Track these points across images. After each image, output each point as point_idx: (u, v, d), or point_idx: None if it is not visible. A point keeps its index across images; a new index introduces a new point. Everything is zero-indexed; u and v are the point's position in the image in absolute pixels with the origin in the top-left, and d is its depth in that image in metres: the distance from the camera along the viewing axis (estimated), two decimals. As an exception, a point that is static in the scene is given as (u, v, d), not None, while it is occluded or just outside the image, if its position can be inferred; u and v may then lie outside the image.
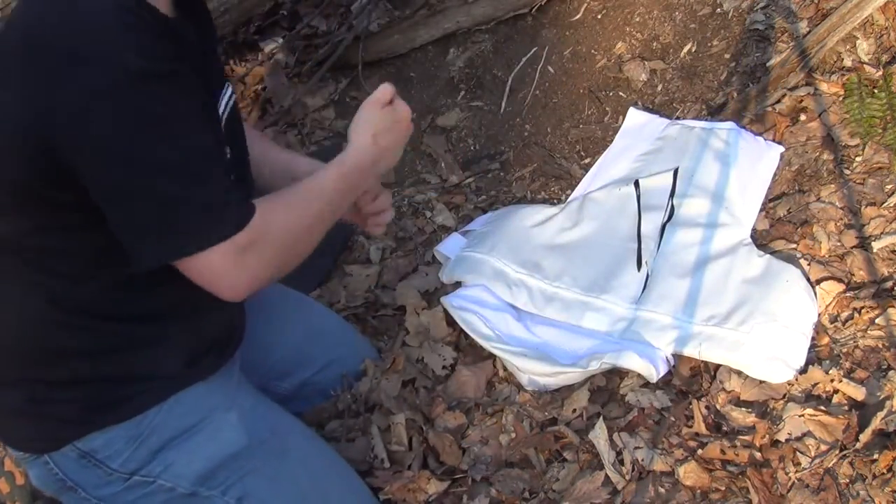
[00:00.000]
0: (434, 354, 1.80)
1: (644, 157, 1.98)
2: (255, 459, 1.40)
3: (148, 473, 1.36)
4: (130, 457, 1.35)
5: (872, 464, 1.39)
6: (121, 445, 1.34)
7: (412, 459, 1.62)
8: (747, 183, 1.84)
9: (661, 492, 1.47)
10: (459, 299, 1.83)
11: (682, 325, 1.65)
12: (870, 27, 1.98)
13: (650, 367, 1.59)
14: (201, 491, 1.37)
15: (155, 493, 1.37)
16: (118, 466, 1.34)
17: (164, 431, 1.36)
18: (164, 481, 1.36)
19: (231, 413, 1.41)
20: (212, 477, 1.38)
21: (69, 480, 1.36)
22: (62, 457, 1.34)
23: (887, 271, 1.64)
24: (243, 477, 1.39)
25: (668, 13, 2.26)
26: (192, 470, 1.37)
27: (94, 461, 1.34)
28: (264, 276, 1.24)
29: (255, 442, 1.41)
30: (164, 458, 1.36)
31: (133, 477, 1.36)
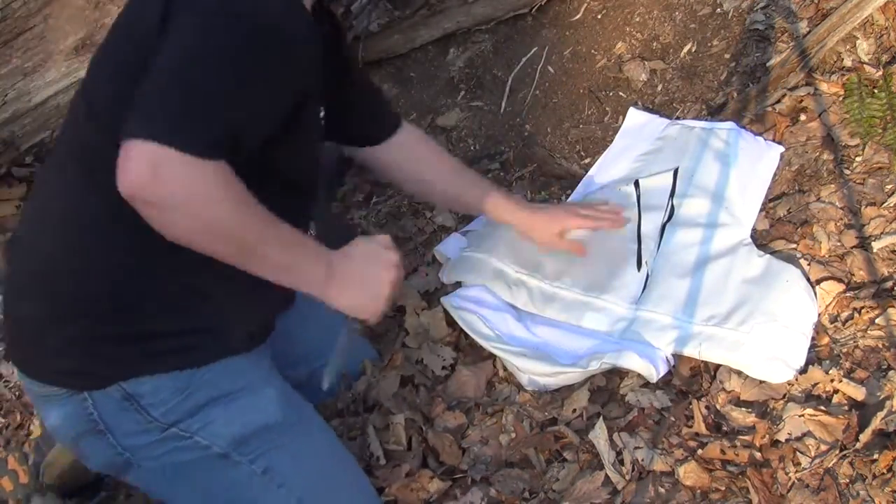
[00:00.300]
0: (433, 355, 1.80)
1: (644, 157, 1.99)
2: (285, 436, 1.42)
3: (187, 428, 1.36)
4: (174, 408, 1.35)
5: (872, 464, 1.39)
6: (167, 395, 1.34)
7: (411, 459, 1.63)
8: (747, 183, 1.84)
9: (661, 492, 1.47)
10: (459, 299, 1.83)
11: (682, 325, 1.65)
12: (870, 27, 1.98)
13: (650, 367, 1.59)
14: (233, 454, 1.39)
15: (189, 449, 1.37)
16: (159, 415, 1.35)
17: (211, 390, 1.37)
18: (201, 438, 1.37)
19: (270, 388, 1.45)
20: (245, 443, 1.39)
21: (102, 423, 1.35)
22: (104, 396, 1.33)
23: (887, 271, 1.64)
24: (271, 450, 1.41)
25: (668, 13, 2.26)
26: (229, 431, 1.38)
27: (137, 406, 1.34)
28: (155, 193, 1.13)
29: (287, 420, 1.44)
30: (206, 416, 1.37)
31: (171, 428, 1.36)
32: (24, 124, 2.18)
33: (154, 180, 1.12)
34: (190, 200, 1.14)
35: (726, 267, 1.72)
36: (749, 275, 1.69)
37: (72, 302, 1.34)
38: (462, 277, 1.88)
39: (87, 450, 1.41)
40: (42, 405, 1.43)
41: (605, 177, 2.01)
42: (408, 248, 2.12)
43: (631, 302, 1.73)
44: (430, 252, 2.07)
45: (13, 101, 2.14)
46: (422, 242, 2.13)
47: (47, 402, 1.39)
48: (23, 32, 2.09)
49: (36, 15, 2.08)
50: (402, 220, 2.20)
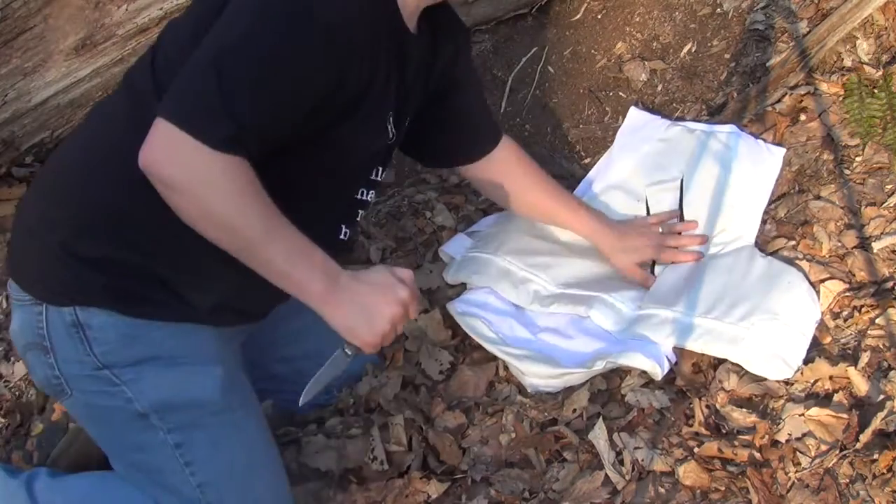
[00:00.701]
0: (431, 360, 1.79)
1: (646, 159, 1.98)
2: (213, 418, 1.42)
3: (119, 375, 1.37)
4: (114, 350, 1.36)
5: (872, 464, 1.39)
6: (113, 335, 1.36)
7: (411, 460, 1.62)
8: (749, 186, 1.84)
9: (661, 492, 1.47)
10: (464, 304, 1.83)
11: (682, 317, 1.65)
12: (870, 27, 1.97)
13: (655, 364, 1.59)
14: (152, 418, 1.39)
15: (112, 396, 1.38)
16: (99, 353, 1.36)
17: (155, 347, 1.38)
18: (127, 390, 1.37)
19: (218, 367, 1.43)
20: (167, 410, 1.39)
21: (48, 340, 1.37)
22: (57, 315, 1.35)
23: (887, 271, 1.64)
24: (192, 427, 1.41)
25: (668, 13, 2.26)
26: (156, 394, 1.38)
27: (83, 335, 1.35)
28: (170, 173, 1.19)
29: (223, 403, 1.43)
30: (140, 370, 1.37)
31: (104, 370, 1.37)
32: (24, 124, 2.18)
33: (165, 160, 1.19)
34: (192, 187, 1.19)
35: (728, 267, 1.73)
36: (751, 275, 1.70)
37: (67, 207, 1.37)
38: (467, 278, 1.88)
39: (32, 363, 1.42)
40: (13, 310, 1.44)
41: (606, 177, 2.01)
42: (408, 248, 2.12)
43: (637, 305, 1.74)
44: (430, 252, 2.07)
45: (13, 101, 2.14)
46: (422, 242, 2.13)
47: (15, 306, 1.41)
48: (23, 32, 2.09)
49: (36, 15, 2.08)
50: (401, 220, 2.20)
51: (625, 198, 1.94)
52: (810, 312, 1.61)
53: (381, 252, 2.11)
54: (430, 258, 2.05)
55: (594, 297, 1.76)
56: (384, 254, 2.11)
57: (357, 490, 1.59)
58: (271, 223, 1.24)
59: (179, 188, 1.20)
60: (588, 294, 1.77)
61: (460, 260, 1.92)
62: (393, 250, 2.12)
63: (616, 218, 1.91)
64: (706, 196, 1.86)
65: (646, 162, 1.97)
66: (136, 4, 2.09)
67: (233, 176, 1.20)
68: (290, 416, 1.75)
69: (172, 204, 1.22)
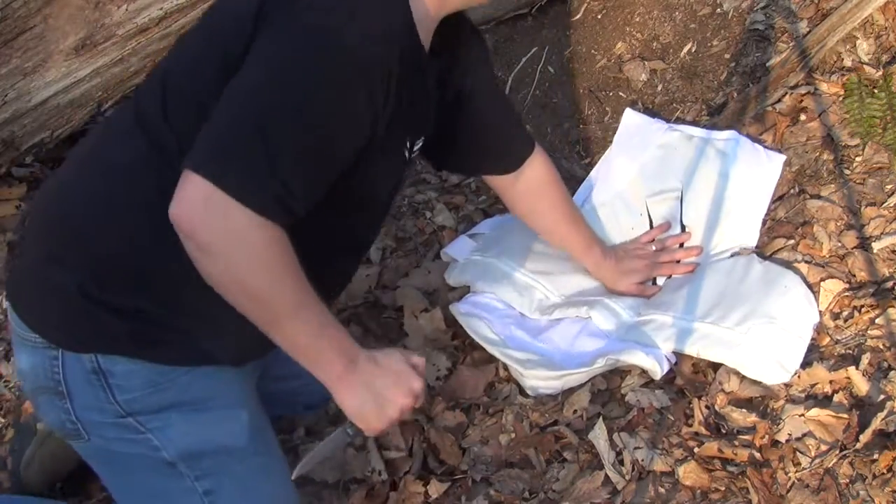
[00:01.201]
0: (429, 364, 1.79)
1: (644, 170, 1.97)
2: (241, 464, 1.38)
3: (145, 423, 1.32)
4: (140, 398, 1.31)
5: (872, 464, 1.39)
6: (137, 383, 1.30)
7: (411, 465, 1.62)
8: (748, 193, 1.84)
9: (661, 492, 1.47)
10: (468, 305, 1.83)
11: (680, 322, 1.65)
12: (870, 27, 1.97)
13: (655, 363, 1.59)
14: (180, 465, 1.34)
15: (137, 444, 1.33)
16: (123, 401, 1.30)
17: (181, 393, 1.33)
18: (154, 438, 1.33)
19: (244, 412, 1.40)
20: (197, 458, 1.35)
21: (64, 386, 1.30)
22: (76, 361, 1.29)
23: (887, 271, 1.64)
24: (222, 474, 1.37)
25: (668, 13, 2.26)
26: (185, 442, 1.34)
27: (105, 383, 1.29)
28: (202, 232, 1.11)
29: (250, 448, 1.39)
30: (167, 418, 1.33)
31: (129, 417, 1.31)
32: (24, 124, 2.18)
33: (201, 221, 1.10)
34: (229, 253, 1.12)
35: (726, 272, 1.73)
36: (748, 279, 1.69)
37: (85, 252, 1.29)
38: (469, 281, 1.88)
39: (43, 407, 1.36)
40: (18, 346, 1.37)
41: (606, 185, 2.00)
42: (408, 248, 2.12)
43: (635, 310, 1.74)
44: (430, 252, 2.07)
45: (13, 101, 2.14)
46: (422, 242, 2.13)
47: (23, 344, 1.34)
48: (23, 32, 2.09)
49: (36, 15, 2.08)
50: (402, 220, 2.20)
51: (626, 211, 1.93)
52: (808, 316, 1.61)
53: (381, 252, 2.11)
54: (430, 258, 2.05)
55: (595, 300, 1.77)
56: (384, 254, 2.11)
57: (357, 491, 1.60)
58: (301, 298, 1.19)
59: (214, 253, 1.12)
60: (589, 300, 1.78)
61: (463, 263, 1.92)
62: (393, 250, 2.12)
63: (619, 233, 1.92)
64: (706, 204, 1.86)
65: (645, 171, 1.97)
66: (136, 4, 2.09)
67: (273, 246, 1.13)
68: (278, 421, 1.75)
69: (200, 266, 1.14)
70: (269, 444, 1.45)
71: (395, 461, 1.64)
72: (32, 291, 1.34)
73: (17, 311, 1.34)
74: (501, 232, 1.96)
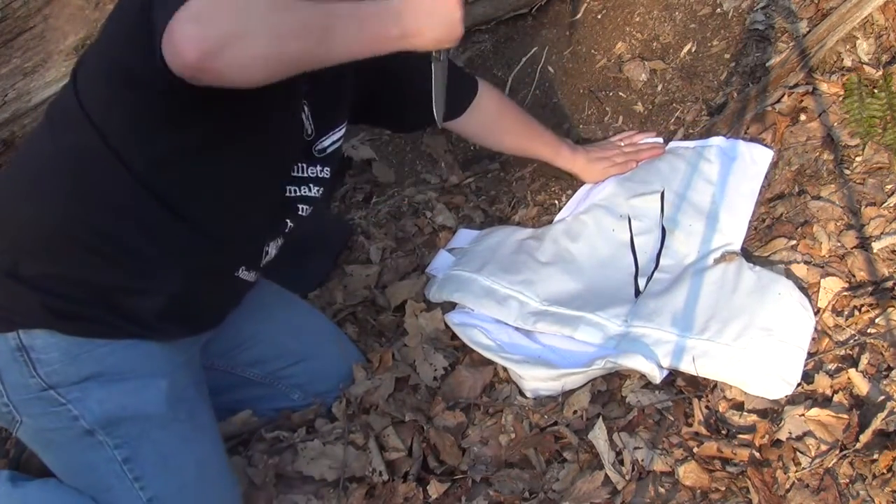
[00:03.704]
0: (426, 363, 1.79)
1: (627, 178, 1.97)
2: (161, 431, 1.41)
3: (64, 395, 1.37)
4: (58, 370, 1.36)
5: (872, 464, 1.39)
6: (56, 354, 1.36)
7: (411, 465, 1.62)
8: (734, 200, 1.83)
9: (661, 492, 1.47)
10: (462, 315, 1.83)
11: (675, 339, 1.64)
12: (870, 27, 1.97)
13: (654, 367, 1.59)
14: (99, 433, 1.38)
15: (58, 417, 1.37)
16: (43, 373, 1.36)
17: (99, 364, 1.38)
18: (73, 408, 1.37)
19: (163, 380, 1.43)
20: (114, 425, 1.38)
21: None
22: (3, 341, 1.36)
23: (887, 271, 1.64)
24: (139, 440, 1.40)
25: (668, 13, 2.26)
26: (102, 409, 1.38)
27: (27, 357, 1.36)
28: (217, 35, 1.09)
29: (170, 415, 1.42)
30: (85, 388, 1.37)
31: (49, 390, 1.37)
32: (24, 124, 2.18)
33: (204, 29, 1.08)
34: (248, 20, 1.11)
35: (717, 283, 1.71)
36: (741, 289, 1.68)
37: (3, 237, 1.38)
38: (450, 297, 1.88)
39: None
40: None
41: (588, 198, 2.00)
42: (408, 248, 2.12)
43: (623, 320, 1.73)
44: (430, 252, 2.07)
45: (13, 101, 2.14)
46: (422, 243, 2.13)
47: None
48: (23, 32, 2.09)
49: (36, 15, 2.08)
50: (402, 220, 2.20)
51: (606, 214, 1.92)
52: (804, 323, 1.60)
53: (381, 252, 2.11)
54: (430, 259, 2.05)
55: (579, 317, 1.75)
56: (384, 254, 2.11)
57: (356, 490, 1.60)
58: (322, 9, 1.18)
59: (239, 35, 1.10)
60: (572, 314, 1.76)
61: (442, 278, 1.92)
62: (393, 250, 2.12)
63: (600, 235, 1.91)
64: (688, 206, 1.86)
65: (625, 179, 1.97)
66: (136, 4, 2.09)
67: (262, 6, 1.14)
68: (275, 420, 1.75)
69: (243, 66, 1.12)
70: (196, 414, 1.48)
71: (394, 461, 1.64)
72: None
73: None
74: (479, 245, 1.96)
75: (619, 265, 1.85)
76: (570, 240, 1.91)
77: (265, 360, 1.69)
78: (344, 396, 1.73)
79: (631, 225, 1.88)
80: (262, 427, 1.72)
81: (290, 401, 1.75)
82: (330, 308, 1.98)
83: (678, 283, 1.75)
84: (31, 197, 1.38)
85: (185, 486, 1.42)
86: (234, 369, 1.66)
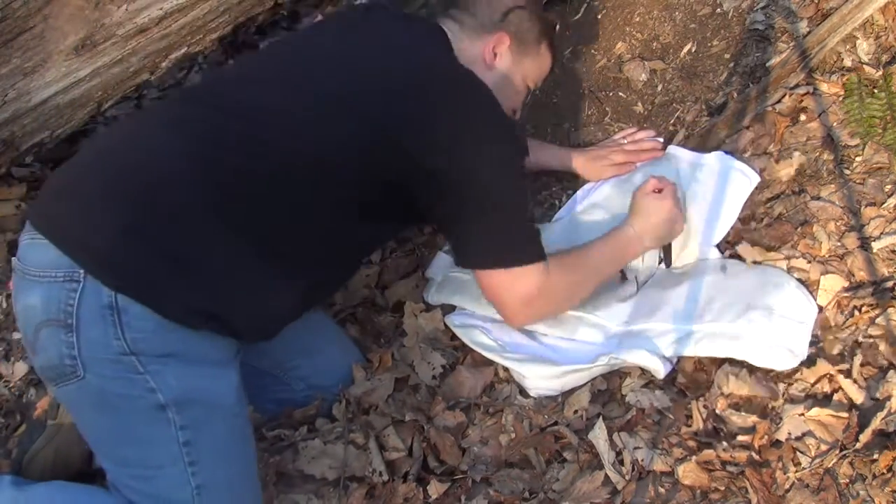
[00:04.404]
0: (424, 363, 1.79)
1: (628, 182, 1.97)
2: (223, 423, 1.44)
3: (145, 363, 1.37)
4: (146, 338, 1.36)
5: (872, 464, 1.39)
6: (149, 324, 1.36)
7: (411, 465, 1.62)
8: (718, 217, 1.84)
9: (661, 492, 1.47)
10: (462, 316, 1.83)
11: (678, 329, 1.64)
12: (870, 27, 1.98)
13: (658, 361, 1.59)
14: (169, 411, 1.39)
15: (134, 384, 1.37)
16: (129, 338, 1.35)
17: (183, 344, 1.39)
18: (151, 379, 1.37)
19: (234, 374, 1.47)
20: (188, 405, 1.40)
21: (74, 317, 1.35)
22: (95, 292, 1.35)
23: (887, 271, 1.64)
24: (203, 426, 1.41)
25: (668, 13, 2.26)
26: (179, 386, 1.39)
27: (116, 318, 1.35)
28: (539, 317, 1.70)
29: (234, 409, 1.46)
30: (166, 362, 1.38)
31: (131, 356, 1.36)
32: (24, 124, 2.18)
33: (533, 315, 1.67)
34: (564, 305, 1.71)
35: (717, 279, 1.71)
36: (739, 279, 1.69)
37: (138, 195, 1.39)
38: (448, 299, 1.87)
39: (45, 341, 1.39)
40: (29, 286, 1.40)
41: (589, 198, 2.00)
42: (408, 248, 2.12)
43: (623, 321, 1.73)
44: (430, 252, 2.07)
45: (13, 101, 2.14)
46: (422, 243, 2.13)
47: (37, 282, 1.38)
48: (23, 32, 2.09)
49: (36, 15, 2.08)
50: (401, 220, 2.20)
51: (606, 216, 1.92)
52: (805, 305, 1.61)
53: (381, 252, 2.11)
54: (430, 259, 2.05)
55: (578, 318, 1.76)
56: (384, 254, 2.11)
57: (357, 489, 1.60)
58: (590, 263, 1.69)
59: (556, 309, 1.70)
60: (571, 315, 1.76)
61: (440, 280, 1.92)
62: (393, 250, 2.12)
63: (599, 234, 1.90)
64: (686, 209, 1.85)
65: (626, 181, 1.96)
66: (135, 4, 2.09)
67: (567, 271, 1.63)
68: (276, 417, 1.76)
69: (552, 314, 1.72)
70: (246, 414, 1.52)
71: (395, 461, 1.64)
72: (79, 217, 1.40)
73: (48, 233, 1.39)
74: None
75: None
76: (568, 240, 1.91)
77: (273, 351, 1.70)
78: (343, 397, 1.73)
79: None
80: (264, 426, 1.73)
81: (293, 392, 1.75)
82: (330, 308, 1.98)
83: (677, 282, 1.75)
84: None
85: (231, 481, 1.45)
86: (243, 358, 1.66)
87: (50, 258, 1.37)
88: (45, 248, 1.38)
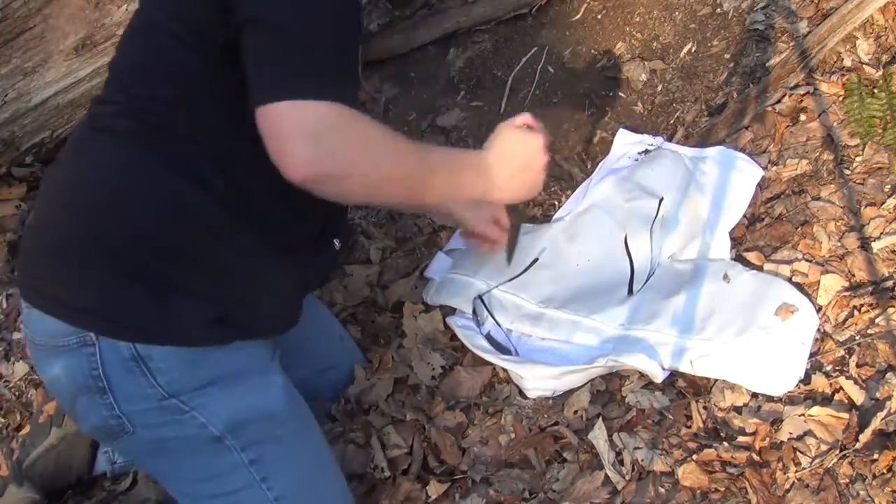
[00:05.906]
0: (423, 363, 1.79)
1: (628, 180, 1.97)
2: (283, 429, 1.40)
3: (187, 401, 1.32)
4: (179, 378, 1.31)
5: (872, 464, 1.39)
6: (175, 363, 1.30)
7: (411, 464, 1.62)
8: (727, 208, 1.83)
9: (661, 492, 1.47)
10: (465, 319, 1.83)
11: (674, 341, 1.64)
12: (870, 27, 1.98)
13: (656, 365, 1.59)
14: (227, 439, 1.35)
15: (184, 425, 1.33)
16: (163, 382, 1.30)
17: (218, 368, 1.34)
18: (199, 415, 1.33)
19: (278, 377, 1.43)
20: (242, 427, 1.36)
21: (104, 380, 1.29)
22: (113, 350, 1.28)
23: (887, 271, 1.64)
24: (266, 441, 1.38)
25: (668, 13, 2.26)
26: (228, 413, 1.35)
27: (144, 368, 1.29)
28: (331, 167, 1.15)
29: (289, 412, 1.42)
30: (209, 393, 1.33)
31: (172, 399, 1.31)
32: (24, 124, 2.18)
33: (319, 157, 1.13)
34: (362, 162, 1.18)
35: (716, 285, 1.71)
36: (739, 291, 1.68)
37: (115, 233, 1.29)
38: (446, 300, 1.88)
39: (84, 409, 1.34)
40: (46, 357, 1.34)
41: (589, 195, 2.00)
42: (407, 248, 2.12)
43: (619, 324, 1.73)
44: (430, 252, 2.07)
45: (13, 101, 2.14)
46: (422, 243, 2.13)
47: (53, 353, 1.32)
48: (23, 32, 2.09)
49: (36, 15, 2.08)
50: (401, 220, 2.21)
51: (605, 217, 1.92)
52: (806, 320, 1.60)
53: (381, 252, 2.11)
54: (429, 259, 2.05)
55: (575, 322, 1.76)
56: (384, 254, 2.11)
57: (358, 487, 1.60)
58: (422, 148, 1.31)
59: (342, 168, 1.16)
60: (568, 318, 1.77)
61: (440, 281, 1.92)
62: (393, 250, 2.13)
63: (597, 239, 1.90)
64: (686, 212, 1.85)
65: (626, 181, 1.96)
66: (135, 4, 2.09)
67: (379, 130, 1.22)
68: None
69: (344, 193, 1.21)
70: (304, 408, 1.48)
71: (395, 460, 1.64)
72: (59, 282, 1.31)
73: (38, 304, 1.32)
74: None
75: (616, 268, 1.84)
76: (568, 241, 1.91)
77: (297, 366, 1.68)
78: (343, 396, 1.74)
79: (627, 228, 1.88)
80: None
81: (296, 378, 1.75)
82: (331, 308, 1.98)
83: (676, 287, 1.75)
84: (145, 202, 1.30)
85: (306, 480, 1.43)
86: None
87: (56, 327, 1.30)
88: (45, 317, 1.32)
